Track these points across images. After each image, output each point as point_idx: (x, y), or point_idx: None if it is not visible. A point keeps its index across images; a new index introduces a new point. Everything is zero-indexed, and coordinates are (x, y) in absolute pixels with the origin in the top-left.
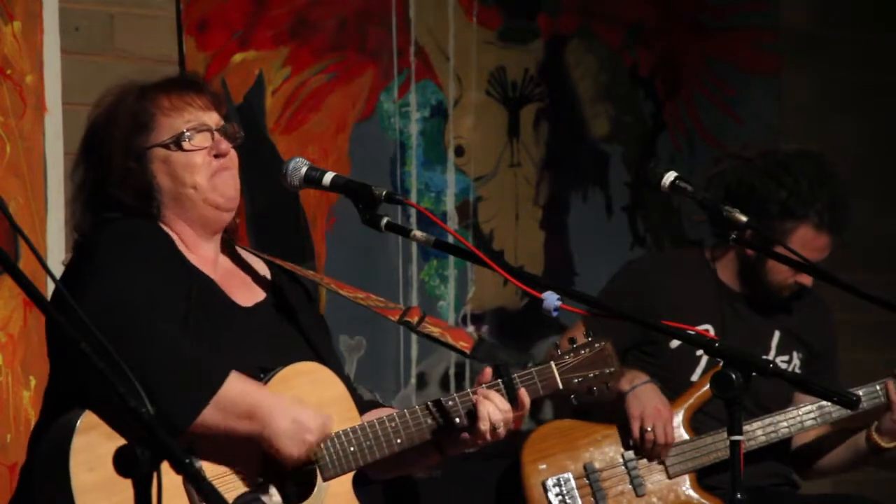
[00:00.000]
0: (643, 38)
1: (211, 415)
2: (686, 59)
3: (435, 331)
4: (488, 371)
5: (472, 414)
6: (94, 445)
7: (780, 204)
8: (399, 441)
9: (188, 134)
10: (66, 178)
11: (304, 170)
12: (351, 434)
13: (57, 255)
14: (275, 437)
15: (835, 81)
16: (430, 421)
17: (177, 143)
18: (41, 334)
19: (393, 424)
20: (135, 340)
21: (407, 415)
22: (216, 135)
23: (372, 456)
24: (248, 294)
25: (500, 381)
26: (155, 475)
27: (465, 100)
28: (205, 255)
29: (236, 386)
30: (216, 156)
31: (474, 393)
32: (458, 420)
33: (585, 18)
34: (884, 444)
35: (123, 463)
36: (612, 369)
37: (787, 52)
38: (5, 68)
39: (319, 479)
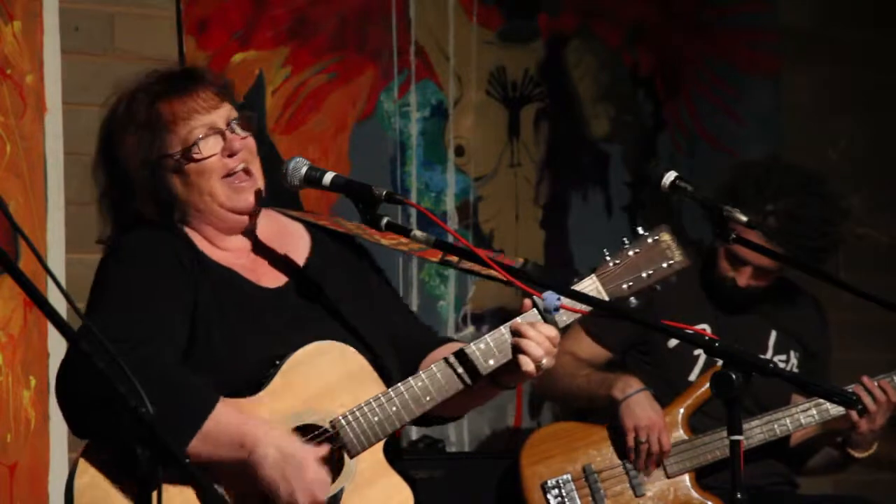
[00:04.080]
0: (643, 38)
1: (197, 447)
2: (686, 59)
3: (476, 266)
4: (527, 302)
5: (510, 351)
6: (95, 483)
7: (742, 197)
8: (429, 398)
9: (199, 142)
10: (66, 178)
11: (304, 170)
12: (374, 404)
13: (57, 255)
14: (258, 465)
15: (835, 81)
16: (460, 370)
17: (187, 153)
18: (41, 334)
19: (420, 384)
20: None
21: (434, 370)
22: (227, 133)
23: (401, 420)
24: (278, 273)
25: (536, 309)
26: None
27: (465, 100)
28: (232, 246)
29: (223, 417)
30: (229, 155)
31: (508, 329)
32: (492, 362)
33: (585, 18)
34: (856, 454)
35: (124, 464)
36: (672, 261)
37: (787, 52)
38: (5, 68)
39: (347, 457)
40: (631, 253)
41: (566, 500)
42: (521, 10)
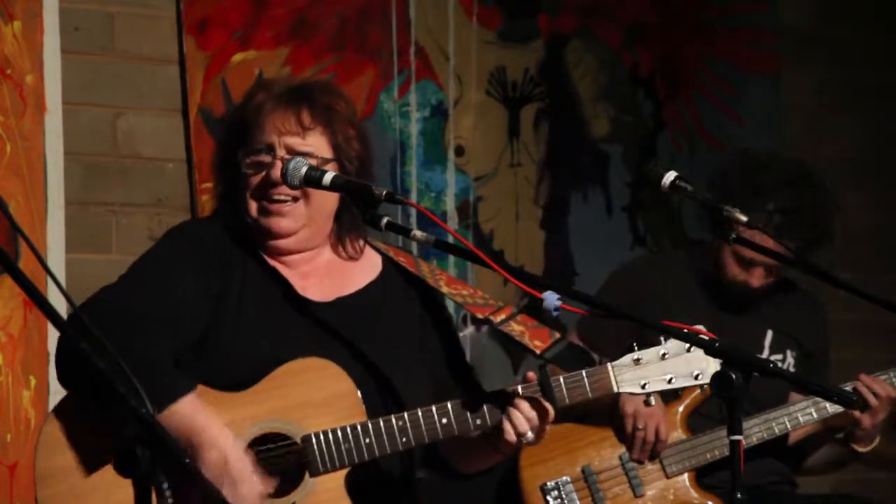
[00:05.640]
0: (643, 38)
1: None
2: (686, 59)
3: (516, 329)
4: (531, 374)
5: (498, 416)
6: (59, 431)
7: (740, 195)
8: (405, 440)
9: (249, 155)
10: (66, 178)
11: (304, 170)
12: (349, 430)
13: (57, 255)
14: (204, 467)
15: (835, 81)
16: (444, 421)
17: (240, 163)
18: (41, 334)
19: (400, 423)
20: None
21: (419, 414)
22: (276, 163)
23: (371, 454)
24: (329, 290)
25: (539, 385)
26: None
27: (465, 100)
28: (292, 259)
29: (185, 409)
30: (268, 183)
31: (503, 395)
32: (479, 422)
33: (585, 18)
34: (860, 449)
35: (123, 463)
36: (702, 375)
37: (787, 52)
38: (5, 68)
39: (307, 474)
40: (661, 352)
41: (565, 501)
42: (521, 10)
